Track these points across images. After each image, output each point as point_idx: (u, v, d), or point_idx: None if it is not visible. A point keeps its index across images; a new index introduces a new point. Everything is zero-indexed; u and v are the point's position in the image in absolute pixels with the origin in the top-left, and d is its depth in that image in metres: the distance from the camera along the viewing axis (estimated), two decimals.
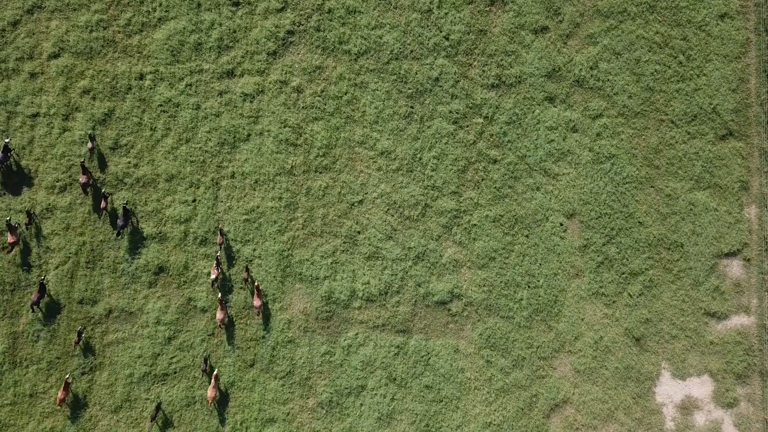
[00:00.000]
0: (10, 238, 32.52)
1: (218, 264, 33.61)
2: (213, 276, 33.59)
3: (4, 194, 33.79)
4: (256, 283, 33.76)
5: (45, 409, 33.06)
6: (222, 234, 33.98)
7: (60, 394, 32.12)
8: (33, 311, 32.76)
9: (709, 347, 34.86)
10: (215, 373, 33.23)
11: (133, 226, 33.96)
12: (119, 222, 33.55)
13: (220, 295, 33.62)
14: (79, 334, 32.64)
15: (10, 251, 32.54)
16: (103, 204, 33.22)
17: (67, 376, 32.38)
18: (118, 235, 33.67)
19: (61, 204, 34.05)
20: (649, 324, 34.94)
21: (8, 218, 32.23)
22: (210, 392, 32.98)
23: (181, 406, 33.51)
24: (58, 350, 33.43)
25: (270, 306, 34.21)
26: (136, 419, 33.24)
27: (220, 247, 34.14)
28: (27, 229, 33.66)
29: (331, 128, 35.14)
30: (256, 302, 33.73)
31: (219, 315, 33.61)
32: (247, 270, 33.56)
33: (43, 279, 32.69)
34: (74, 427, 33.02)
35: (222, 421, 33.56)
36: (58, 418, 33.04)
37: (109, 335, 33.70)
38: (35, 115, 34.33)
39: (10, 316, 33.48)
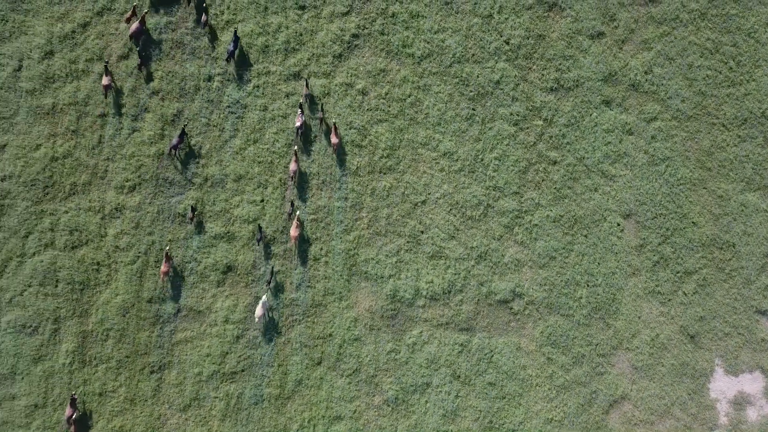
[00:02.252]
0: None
1: (302, 112, 26.07)
2: (298, 123, 26.01)
3: (195, 145, 25.87)
4: (334, 121, 26.22)
5: (114, 408, 25.29)
6: (308, 86, 26.34)
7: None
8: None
9: (760, 344, 27.30)
10: (298, 213, 25.80)
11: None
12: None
13: (296, 147, 25.98)
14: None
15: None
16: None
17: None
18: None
19: (131, 204, 26.22)
20: (703, 321, 27.37)
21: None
22: (293, 231, 25.72)
23: (249, 405, 25.76)
24: (128, 349, 25.61)
25: (336, 304, 26.47)
26: (205, 417, 25.50)
27: (305, 98, 26.46)
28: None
29: (395, 130, 27.38)
30: (334, 139, 26.25)
31: (292, 166, 25.92)
32: (323, 116, 26.38)
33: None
34: (143, 426, 25.28)
35: (303, 262, 25.92)
36: (126, 417, 25.27)
37: (177, 334, 25.92)
38: (104, 115, 26.48)
39: (80, 315, 25.65)
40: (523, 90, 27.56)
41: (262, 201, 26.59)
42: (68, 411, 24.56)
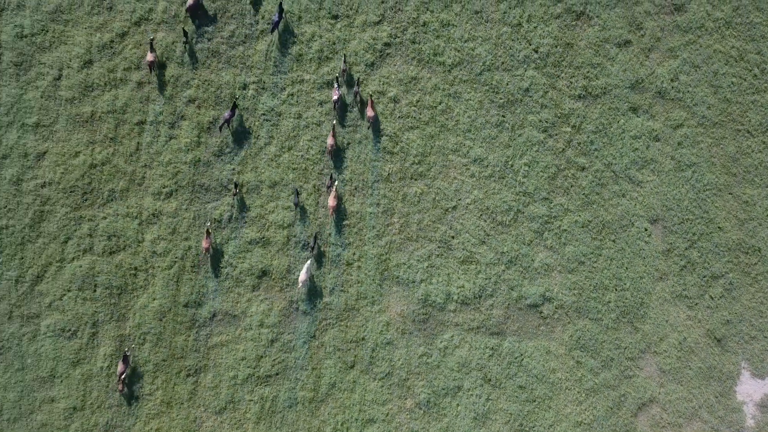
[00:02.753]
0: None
1: (338, 86, 25.02)
2: (335, 97, 24.93)
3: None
4: (370, 95, 25.14)
5: (151, 411, 24.20)
6: (345, 61, 25.28)
7: (119, 368, 23.57)
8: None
9: None
10: (336, 184, 24.84)
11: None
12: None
13: (334, 121, 24.90)
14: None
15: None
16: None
17: None
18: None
19: (168, 209, 25.17)
20: (730, 325, 26.14)
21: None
22: (331, 201, 24.75)
23: (283, 408, 24.64)
24: (164, 353, 24.54)
25: (369, 308, 25.35)
26: (240, 420, 24.39)
27: (342, 73, 25.41)
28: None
29: (426, 137, 26.26)
30: (370, 113, 25.18)
31: (330, 140, 24.83)
32: (359, 95, 25.62)
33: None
34: (179, 428, 24.19)
35: (339, 231, 24.97)
36: (163, 420, 24.18)
37: (213, 338, 24.82)
38: (142, 123, 25.45)
39: (117, 319, 24.59)
40: (551, 97, 26.41)
41: (296, 206, 25.47)
42: (120, 367, 23.56)
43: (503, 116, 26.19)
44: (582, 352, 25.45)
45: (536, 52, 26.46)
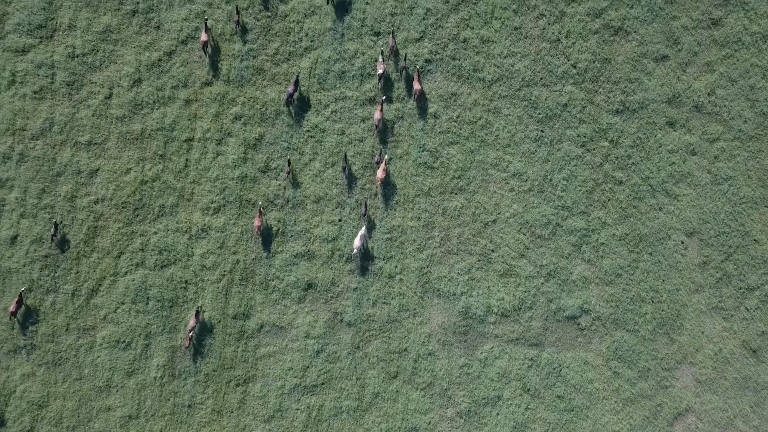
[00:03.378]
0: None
1: (384, 61, 25.63)
2: (380, 71, 25.53)
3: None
4: (418, 68, 25.73)
5: (202, 419, 25.01)
6: (393, 37, 25.86)
7: (191, 323, 24.78)
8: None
9: None
10: (386, 158, 25.58)
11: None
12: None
13: (384, 97, 25.57)
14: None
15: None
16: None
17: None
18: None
19: (216, 224, 25.82)
20: (765, 336, 26.48)
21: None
22: (380, 173, 25.49)
23: (329, 416, 25.35)
24: (214, 363, 25.29)
25: (411, 320, 25.94)
26: (287, 428, 25.14)
27: (391, 51, 26.01)
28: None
29: (466, 151, 26.66)
30: (416, 86, 25.72)
31: (377, 115, 25.49)
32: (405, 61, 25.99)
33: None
34: None
35: (386, 200, 25.70)
36: (214, 428, 24.99)
37: (261, 349, 25.54)
38: (190, 140, 26.05)
39: (169, 331, 25.35)
40: (589, 112, 26.70)
41: (340, 221, 26.07)
42: (191, 323, 24.67)
43: (542, 131, 26.52)
44: (619, 363, 25.90)
45: (575, 67, 26.72)
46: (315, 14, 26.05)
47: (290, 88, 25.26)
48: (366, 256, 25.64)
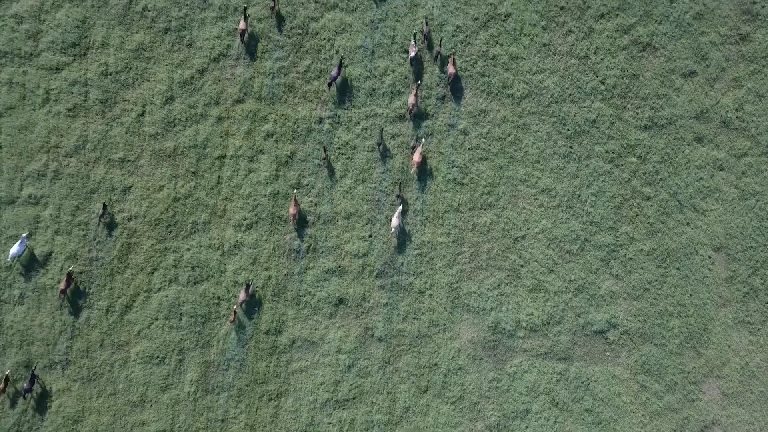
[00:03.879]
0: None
1: (415, 42, 25.87)
2: (412, 54, 25.97)
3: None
4: (453, 52, 25.97)
5: None
6: (427, 23, 26.07)
7: (241, 296, 25.34)
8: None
9: None
10: (423, 141, 26.01)
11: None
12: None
13: (419, 82, 25.98)
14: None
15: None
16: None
17: None
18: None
19: (248, 241, 26.01)
20: None
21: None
22: (416, 157, 25.82)
23: (360, 430, 25.61)
24: (247, 378, 25.52)
25: (441, 335, 26.15)
26: None
27: (425, 35, 26.28)
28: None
29: (496, 168, 26.81)
30: (451, 69, 26.05)
31: (411, 100, 25.78)
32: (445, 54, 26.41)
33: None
34: None
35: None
36: None
37: (293, 364, 25.77)
38: (222, 157, 26.22)
39: (202, 346, 25.59)
40: (618, 128, 26.82)
41: (371, 237, 26.25)
42: (242, 296, 25.11)
43: (571, 147, 26.65)
44: (646, 377, 26.11)
45: (603, 83, 26.81)
46: (346, 32, 26.19)
47: (334, 72, 25.65)
48: (398, 271, 25.81)
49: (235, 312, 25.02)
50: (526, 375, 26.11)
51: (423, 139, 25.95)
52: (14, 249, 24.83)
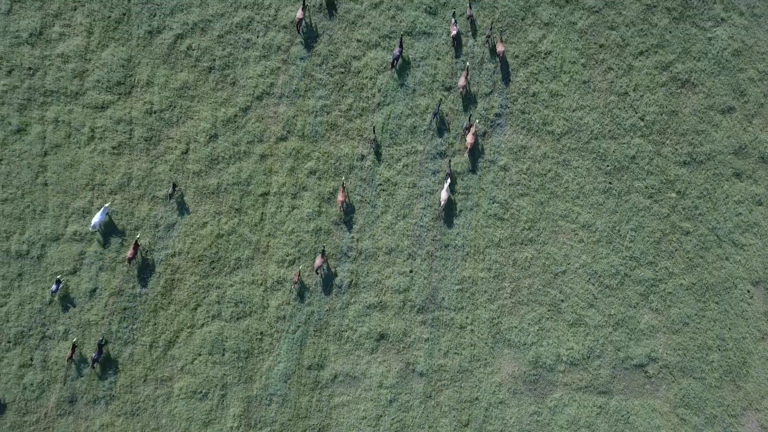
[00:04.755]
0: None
1: (456, 22, 26.64)
2: (453, 32, 26.62)
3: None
4: (501, 32, 26.77)
5: None
6: (471, 6, 26.82)
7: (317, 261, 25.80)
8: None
9: None
10: (475, 122, 26.59)
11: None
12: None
13: (469, 64, 26.48)
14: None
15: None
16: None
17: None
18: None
19: (291, 276, 26.11)
20: None
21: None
22: (469, 138, 26.41)
23: None
24: (290, 413, 25.61)
25: (482, 370, 26.21)
26: None
27: (469, 18, 26.90)
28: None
29: (536, 203, 26.90)
30: (500, 47, 26.60)
31: (461, 82, 26.40)
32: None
33: None
34: None
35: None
36: None
37: (335, 398, 25.85)
38: (266, 194, 26.34)
39: (245, 381, 25.68)
40: (657, 164, 26.92)
41: (411, 272, 26.35)
42: (318, 261, 25.55)
43: (610, 183, 26.73)
44: (686, 410, 26.16)
45: (642, 120, 26.91)
46: (387, 70, 26.30)
47: (396, 51, 26.10)
48: (440, 306, 25.86)
49: (319, 272, 25.56)
50: (567, 408, 26.16)
51: (476, 121, 26.07)
52: (96, 218, 25.33)
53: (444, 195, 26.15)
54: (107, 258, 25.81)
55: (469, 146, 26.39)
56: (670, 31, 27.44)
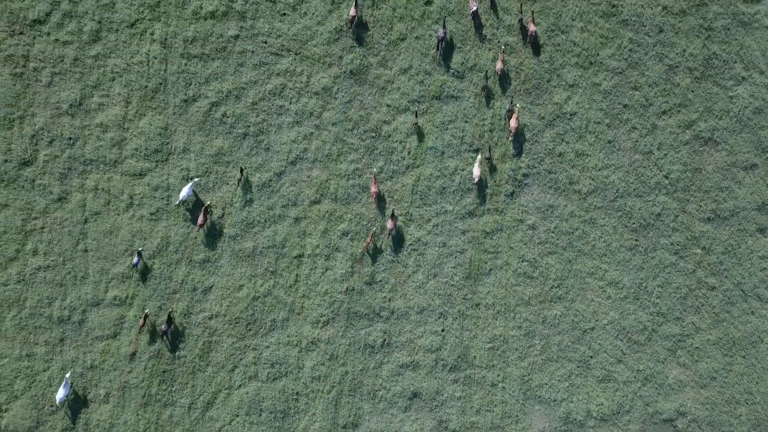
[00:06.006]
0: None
1: (476, 10, 27.43)
2: (473, 7, 27.42)
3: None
4: (532, 11, 27.46)
5: None
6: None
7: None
8: None
9: None
10: (517, 107, 27.23)
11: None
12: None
13: (503, 47, 27.41)
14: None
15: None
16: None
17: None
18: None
19: (325, 337, 26.59)
20: None
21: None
22: (513, 123, 27.23)
23: None
24: None
25: (513, 426, 26.60)
26: None
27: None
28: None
29: (564, 261, 27.35)
30: (531, 27, 27.42)
31: (499, 65, 27.29)
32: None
33: None
34: None
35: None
36: None
37: None
38: (300, 256, 26.83)
39: None
40: (682, 221, 27.35)
41: (443, 331, 26.79)
42: (389, 225, 26.24)
43: (636, 240, 27.14)
44: None
45: (667, 178, 27.38)
46: (416, 133, 26.82)
47: (440, 32, 26.88)
48: (471, 365, 26.25)
49: (373, 235, 26.64)
50: None
51: (517, 105, 26.90)
52: (183, 193, 26.20)
53: (476, 171, 26.82)
54: (147, 322, 26.26)
55: (513, 130, 27.09)
56: (692, 91, 27.95)
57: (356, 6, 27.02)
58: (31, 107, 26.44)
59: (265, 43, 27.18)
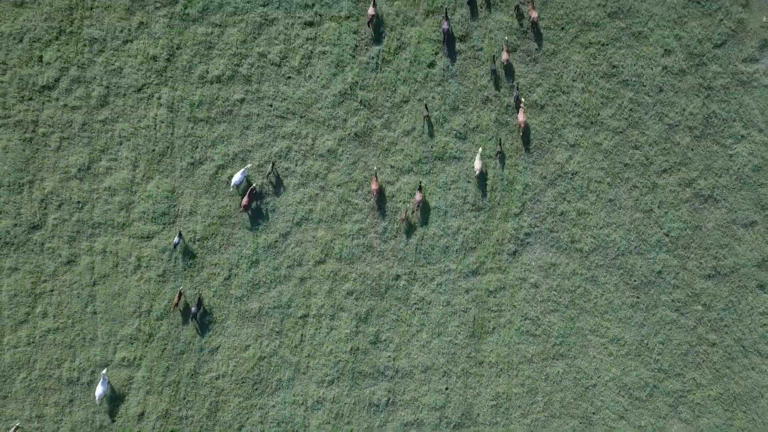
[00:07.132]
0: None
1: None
2: (445, 27, 27.84)
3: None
4: (533, 2, 27.55)
5: None
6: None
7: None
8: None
9: None
10: (523, 101, 27.63)
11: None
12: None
13: (506, 39, 27.69)
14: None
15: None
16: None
17: None
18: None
19: (330, 396, 26.81)
20: None
21: None
22: (521, 116, 27.35)
23: None
24: None
25: None
26: None
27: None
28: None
29: (566, 319, 27.59)
30: (533, 14, 27.46)
31: (504, 56, 27.61)
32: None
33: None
34: None
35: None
36: None
37: None
38: (305, 316, 27.11)
39: None
40: (683, 278, 27.57)
41: (447, 389, 27.03)
42: (418, 196, 26.74)
43: (638, 297, 27.35)
44: None
45: (667, 235, 27.60)
46: (419, 192, 27.08)
47: (444, 25, 27.22)
48: (475, 422, 26.51)
49: (407, 215, 27.26)
50: None
51: (522, 99, 27.54)
52: (236, 177, 26.77)
53: (478, 164, 27.16)
54: (155, 382, 26.54)
55: (522, 124, 27.40)
56: (692, 149, 28.18)
57: (374, 5, 27.47)
58: (41, 171, 26.76)
59: (271, 106, 27.48)
